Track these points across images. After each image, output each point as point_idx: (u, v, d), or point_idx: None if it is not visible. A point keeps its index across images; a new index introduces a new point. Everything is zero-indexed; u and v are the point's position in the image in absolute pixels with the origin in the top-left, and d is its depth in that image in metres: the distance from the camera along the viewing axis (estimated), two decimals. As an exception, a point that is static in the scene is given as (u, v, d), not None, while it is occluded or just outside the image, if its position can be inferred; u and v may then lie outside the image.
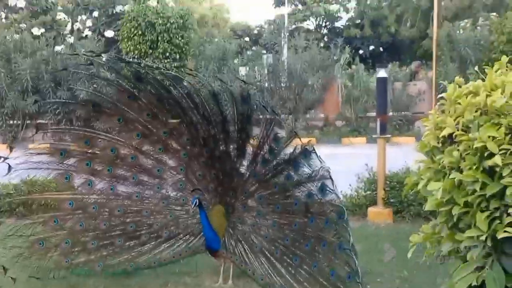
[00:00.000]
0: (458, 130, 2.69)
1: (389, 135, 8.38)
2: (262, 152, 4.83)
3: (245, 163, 4.98)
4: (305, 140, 17.02)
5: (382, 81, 8.04)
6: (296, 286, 4.50)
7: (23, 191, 8.21)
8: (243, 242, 4.86)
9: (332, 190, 4.79)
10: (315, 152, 4.85)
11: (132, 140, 5.11)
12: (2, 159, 4.46)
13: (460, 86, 2.95)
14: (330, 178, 4.78)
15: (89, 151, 5.15)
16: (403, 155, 8.15)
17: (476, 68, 3.54)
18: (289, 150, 4.88)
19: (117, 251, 5.10)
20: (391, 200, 7.47)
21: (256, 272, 4.61)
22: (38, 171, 5.20)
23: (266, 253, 4.73)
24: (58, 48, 20.84)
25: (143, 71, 5.19)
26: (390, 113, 17.33)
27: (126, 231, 5.08)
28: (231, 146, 4.90)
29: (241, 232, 4.91)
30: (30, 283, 5.04)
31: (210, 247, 4.88)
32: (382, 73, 7.98)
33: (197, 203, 4.61)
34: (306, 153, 4.82)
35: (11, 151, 4.58)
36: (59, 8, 23.69)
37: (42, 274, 5.10)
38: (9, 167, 4.89)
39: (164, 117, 5.04)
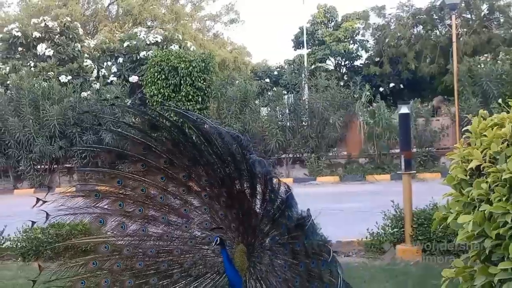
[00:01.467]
0: (485, 162, 2.69)
1: (414, 171, 8.35)
2: (268, 191, 4.83)
3: (258, 202, 4.98)
4: (329, 178, 17.05)
5: (404, 117, 8.03)
6: None
7: (50, 234, 8.29)
8: (261, 281, 4.84)
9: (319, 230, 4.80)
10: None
11: (158, 182, 5.18)
12: (41, 202, 4.59)
13: (484, 119, 2.97)
14: (312, 219, 4.78)
15: (121, 191, 5.24)
16: (429, 191, 8.09)
17: (500, 100, 3.54)
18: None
19: None
20: (419, 237, 7.38)
21: None
22: (74, 216, 5.23)
23: None
24: (84, 94, 21.35)
25: (158, 118, 5.24)
26: (414, 149, 17.24)
27: (159, 270, 5.12)
28: (245, 185, 4.90)
29: (259, 272, 4.89)
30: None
31: (232, 285, 4.86)
32: (404, 109, 7.98)
33: (218, 242, 4.64)
34: (291, 193, 4.80)
35: (49, 190, 4.72)
36: (86, 55, 24.29)
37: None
38: (47, 215, 5.01)
39: (181, 161, 5.08)
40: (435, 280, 6.02)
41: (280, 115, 20.85)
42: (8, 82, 22.17)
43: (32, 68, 23.13)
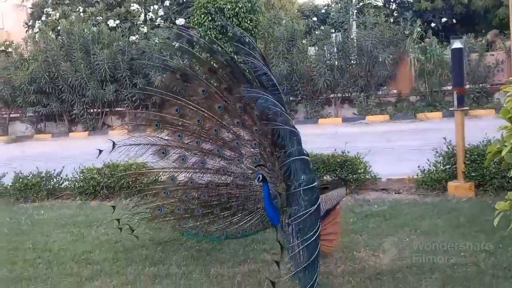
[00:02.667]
0: (542, 93, 2.61)
1: (467, 108, 8.13)
2: None
3: None
4: (379, 117, 16.91)
5: (457, 52, 7.79)
6: None
7: (106, 174, 8.56)
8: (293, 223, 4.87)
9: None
10: None
11: (214, 112, 5.28)
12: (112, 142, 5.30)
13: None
14: None
15: (179, 123, 5.42)
16: (483, 128, 7.94)
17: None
18: None
19: (215, 220, 5.48)
20: (472, 174, 7.28)
21: (294, 256, 4.46)
22: (138, 147, 5.44)
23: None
24: (132, 38, 21.48)
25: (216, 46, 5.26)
26: (467, 86, 16.78)
27: (221, 202, 5.44)
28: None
29: (292, 213, 4.94)
30: (148, 242, 5.95)
31: (272, 223, 4.94)
32: (457, 43, 7.73)
33: (260, 179, 4.70)
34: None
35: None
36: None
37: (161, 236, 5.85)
38: (114, 144, 5.26)
39: (238, 91, 5.08)
40: (488, 216, 5.99)
41: (328, 54, 20.49)
42: (59, 27, 22.46)
43: (82, 14, 23.33)
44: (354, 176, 7.73)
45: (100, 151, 5.51)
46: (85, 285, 4.88)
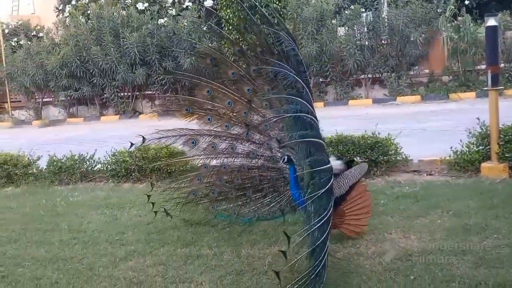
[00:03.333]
0: None
1: (502, 87, 7.96)
2: None
3: None
4: (410, 97, 16.75)
5: (492, 30, 7.61)
6: None
7: (137, 157, 8.65)
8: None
9: None
10: None
11: (244, 95, 5.30)
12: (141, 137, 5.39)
13: None
14: None
15: (210, 104, 5.50)
16: (518, 108, 7.81)
17: None
18: None
19: (247, 202, 5.61)
20: (506, 155, 7.15)
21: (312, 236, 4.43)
22: (168, 139, 5.57)
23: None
24: (161, 21, 21.53)
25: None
26: (502, 65, 16.42)
27: (253, 184, 5.55)
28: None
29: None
30: (179, 224, 6.09)
31: (297, 204, 4.95)
32: (491, 21, 7.55)
33: (286, 160, 4.73)
34: None
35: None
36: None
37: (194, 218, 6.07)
38: (143, 139, 5.35)
39: (266, 73, 5.05)
40: (522, 197, 5.94)
41: (358, 34, 20.25)
42: (88, 11, 22.68)
43: (111, -3, 23.52)
44: (385, 157, 7.66)
45: (132, 144, 5.58)
46: (119, 265, 4.97)
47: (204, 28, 20.89)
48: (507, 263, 4.33)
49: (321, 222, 4.01)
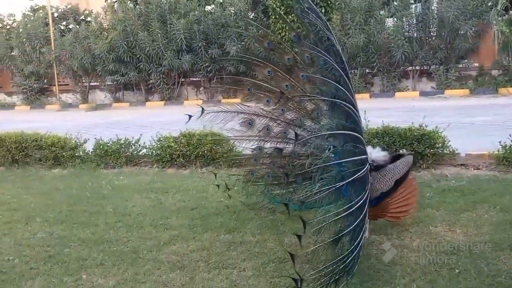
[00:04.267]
0: None
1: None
2: None
3: None
4: (458, 91, 16.42)
5: (548, 23, 7.43)
6: None
7: (182, 143, 8.73)
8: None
9: None
10: None
11: (298, 81, 5.30)
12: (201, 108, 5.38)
13: None
14: None
15: (270, 83, 5.48)
16: None
17: None
18: None
19: (298, 188, 5.46)
20: (558, 152, 6.97)
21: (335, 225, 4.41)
22: (225, 114, 5.56)
23: None
24: (208, 8, 21.61)
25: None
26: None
27: (302, 171, 5.41)
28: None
29: None
30: (223, 210, 6.18)
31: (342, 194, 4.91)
32: (547, 14, 7.37)
33: (331, 149, 4.70)
34: None
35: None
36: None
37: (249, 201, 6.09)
38: (202, 110, 5.39)
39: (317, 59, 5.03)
40: None
41: (407, 26, 19.97)
42: (136, -3, 22.96)
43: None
44: (431, 150, 7.53)
45: (190, 116, 5.60)
46: (163, 249, 5.04)
47: (251, 16, 20.90)
48: (556, 260, 4.23)
49: (346, 213, 4.00)
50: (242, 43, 20.10)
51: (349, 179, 4.19)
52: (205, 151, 8.57)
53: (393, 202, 4.99)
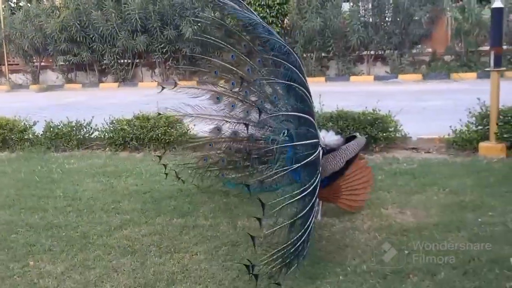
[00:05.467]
0: None
1: (504, 68, 7.91)
2: None
3: None
4: (412, 76, 16.65)
5: (497, 11, 7.56)
6: None
7: (136, 126, 8.60)
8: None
9: None
10: None
11: (256, 65, 5.32)
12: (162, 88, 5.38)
13: None
14: None
15: (233, 71, 5.49)
16: (519, 90, 7.77)
17: None
18: None
19: (254, 172, 5.55)
20: (504, 135, 7.14)
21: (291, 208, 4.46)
22: (198, 91, 5.59)
23: None
24: (165, -13, 21.21)
25: None
26: (504, 47, 16.28)
27: (259, 155, 5.52)
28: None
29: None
30: (176, 194, 6.12)
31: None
32: (497, 3, 7.49)
33: (286, 133, 4.70)
34: None
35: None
36: None
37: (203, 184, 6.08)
38: (175, 84, 5.43)
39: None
40: (520, 177, 5.94)
41: (363, 11, 20.13)
42: (90, -25, 22.38)
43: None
44: (384, 134, 7.65)
45: (163, 87, 5.48)
46: (114, 234, 4.96)
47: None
48: (500, 240, 4.36)
49: (299, 196, 4.03)
50: (199, 24, 19.87)
51: (302, 162, 4.21)
52: (159, 134, 8.48)
53: (346, 188, 5.04)
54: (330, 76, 20.22)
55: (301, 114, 4.39)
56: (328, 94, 8.98)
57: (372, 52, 20.06)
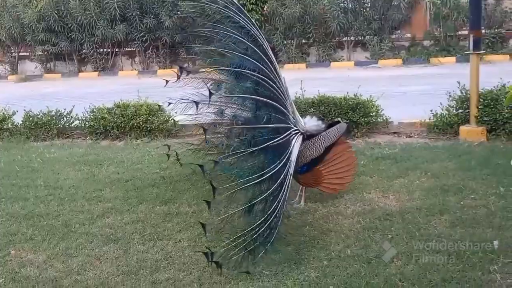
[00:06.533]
0: None
1: (483, 51, 7.95)
2: None
3: None
4: (392, 61, 16.69)
5: (476, -6, 7.61)
6: None
7: (116, 114, 8.54)
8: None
9: None
10: None
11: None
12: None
13: None
14: None
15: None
16: (497, 73, 7.81)
17: None
18: None
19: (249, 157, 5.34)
20: (485, 118, 7.19)
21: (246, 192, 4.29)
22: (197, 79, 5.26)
23: None
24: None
25: None
26: (482, 30, 16.42)
27: (255, 139, 5.28)
28: None
29: None
30: (158, 181, 6.06)
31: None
32: (476, -15, 7.54)
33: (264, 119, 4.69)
34: None
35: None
36: None
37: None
38: (181, 70, 5.03)
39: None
40: (499, 160, 5.99)
41: (343, -4, 20.12)
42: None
43: None
44: (365, 119, 7.66)
45: (167, 81, 5.32)
46: (96, 222, 4.92)
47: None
48: (483, 223, 4.39)
49: (257, 181, 4.04)
50: (178, 13, 19.70)
51: (261, 146, 4.22)
52: (140, 122, 8.42)
53: (327, 172, 5.03)
54: (311, 62, 20.21)
55: (259, 98, 4.42)
56: (309, 80, 9.00)
57: (352, 38, 20.07)
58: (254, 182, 4.05)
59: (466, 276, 3.59)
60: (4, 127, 9.18)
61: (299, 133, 4.72)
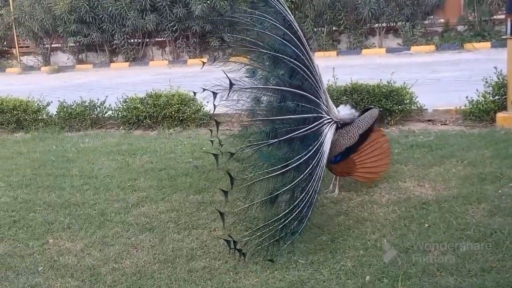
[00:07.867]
0: None
1: (521, 36, 7.74)
2: None
3: None
4: (424, 47, 16.43)
5: (514, -23, 7.40)
6: None
7: (149, 104, 8.59)
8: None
9: None
10: None
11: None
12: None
13: None
14: None
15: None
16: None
17: None
18: None
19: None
20: (523, 105, 7.04)
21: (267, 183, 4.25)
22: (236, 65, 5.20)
23: None
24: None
25: None
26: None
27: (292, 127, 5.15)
28: None
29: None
30: (191, 171, 6.05)
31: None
32: (514, -32, 7.33)
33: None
34: None
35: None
36: None
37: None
38: (214, 58, 5.03)
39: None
40: (539, 148, 5.84)
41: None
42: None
43: None
44: (399, 107, 7.56)
45: (204, 63, 5.22)
46: (131, 211, 4.97)
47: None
48: (522, 211, 4.29)
49: (280, 171, 4.02)
50: (208, 2, 19.69)
51: (284, 137, 4.18)
52: (173, 112, 8.46)
53: (361, 161, 4.98)
54: (342, 49, 20.03)
55: (290, 89, 4.34)
56: (341, 68, 8.90)
57: (384, 24, 19.80)
58: (277, 173, 4.02)
59: (506, 265, 3.51)
60: (39, 117, 9.33)
61: (333, 122, 4.66)
